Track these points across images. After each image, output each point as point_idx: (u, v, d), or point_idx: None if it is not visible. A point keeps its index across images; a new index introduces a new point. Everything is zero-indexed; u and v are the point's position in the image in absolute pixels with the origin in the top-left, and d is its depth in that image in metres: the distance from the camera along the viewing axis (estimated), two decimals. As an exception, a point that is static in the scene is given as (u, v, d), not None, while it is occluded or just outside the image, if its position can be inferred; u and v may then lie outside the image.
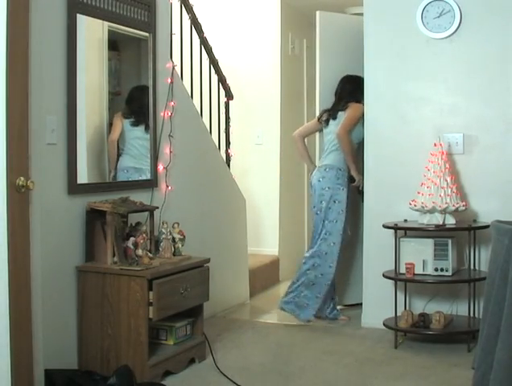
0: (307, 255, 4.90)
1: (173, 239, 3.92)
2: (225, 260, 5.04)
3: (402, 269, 4.23)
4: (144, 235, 3.66)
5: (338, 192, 4.77)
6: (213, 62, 5.30)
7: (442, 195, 4.19)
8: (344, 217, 4.78)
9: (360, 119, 4.81)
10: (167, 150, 4.33)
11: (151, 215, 3.87)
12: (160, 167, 4.28)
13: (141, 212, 3.84)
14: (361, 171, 4.81)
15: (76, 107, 3.57)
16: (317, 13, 5.23)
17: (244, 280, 5.48)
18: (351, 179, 4.86)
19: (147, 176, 4.19)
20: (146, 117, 4.19)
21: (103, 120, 3.96)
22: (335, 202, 4.77)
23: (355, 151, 4.88)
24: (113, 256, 3.58)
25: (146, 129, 4.19)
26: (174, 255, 3.88)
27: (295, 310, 4.82)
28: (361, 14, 4.82)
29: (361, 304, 4.80)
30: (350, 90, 4.93)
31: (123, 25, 3.95)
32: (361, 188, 4.85)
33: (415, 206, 4.25)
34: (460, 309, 4.36)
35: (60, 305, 3.50)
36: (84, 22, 3.63)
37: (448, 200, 4.18)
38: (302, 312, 4.80)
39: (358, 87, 4.84)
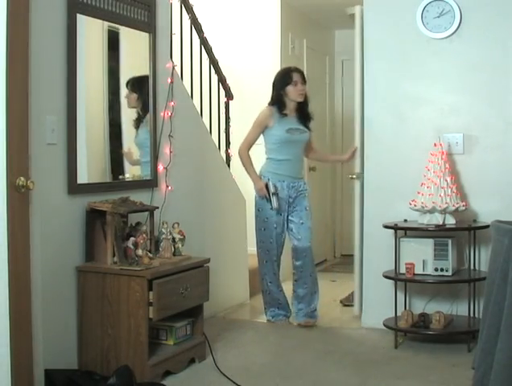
0: None
1: (173, 239, 3.92)
2: (225, 260, 5.04)
3: (402, 269, 4.23)
4: (144, 235, 3.66)
5: (260, 200, 4.72)
6: (213, 62, 5.30)
7: (442, 195, 4.19)
8: (270, 225, 4.69)
9: (265, 122, 4.70)
10: (167, 150, 4.33)
11: (151, 215, 3.87)
12: (160, 167, 4.28)
13: (141, 212, 3.84)
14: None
15: (76, 107, 3.56)
16: (356, 8, 4.89)
17: (244, 280, 5.48)
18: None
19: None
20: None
21: (103, 120, 3.95)
22: (259, 210, 4.73)
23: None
24: (113, 256, 3.57)
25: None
26: (174, 255, 3.88)
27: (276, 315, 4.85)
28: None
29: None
30: (272, 89, 4.80)
31: (123, 25, 3.95)
32: (267, 199, 4.65)
33: (415, 206, 4.25)
34: (460, 309, 4.36)
35: (60, 306, 3.50)
36: (84, 22, 3.63)
37: (448, 200, 4.18)
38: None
39: (277, 82, 4.76)
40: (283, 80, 4.72)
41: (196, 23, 5.03)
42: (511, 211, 4.12)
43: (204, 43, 5.14)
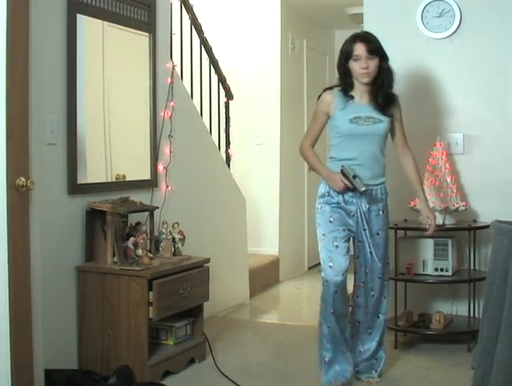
0: None
1: (173, 239, 3.92)
2: (225, 260, 5.04)
3: (402, 269, 4.23)
4: (144, 235, 3.66)
5: (318, 212, 3.56)
6: (213, 62, 5.30)
7: (442, 195, 4.19)
8: (329, 245, 3.47)
9: (324, 109, 3.53)
10: (167, 150, 4.33)
11: (151, 215, 3.87)
12: (160, 167, 4.28)
13: (141, 212, 3.84)
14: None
15: (76, 107, 3.57)
16: None
17: (244, 280, 5.48)
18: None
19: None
20: None
21: (103, 119, 3.95)
22: (317, 225, 3.56)
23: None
24: (113, 256, 3.58)
25: None
26: (174, 255, 3.89)
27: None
28: (361, 15, 4.82)
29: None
30: (338, 63, 3.59)
31: (123, 25, 3.95)
32: (351, 189, 3.45)
33: (415, 206, 4.25)
34: (460, 309, 4.36)
35: (60, 305, 3.50)
36: (84, 22, 3.64)
37: (448, 200, 4.18)
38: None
39: (340, 55, 3.55)
40: (343, 52, 3.52)
41: (196, 23, 5.03)
42: (511, 211, 4.12)
43: (204, 43, 5.14)
